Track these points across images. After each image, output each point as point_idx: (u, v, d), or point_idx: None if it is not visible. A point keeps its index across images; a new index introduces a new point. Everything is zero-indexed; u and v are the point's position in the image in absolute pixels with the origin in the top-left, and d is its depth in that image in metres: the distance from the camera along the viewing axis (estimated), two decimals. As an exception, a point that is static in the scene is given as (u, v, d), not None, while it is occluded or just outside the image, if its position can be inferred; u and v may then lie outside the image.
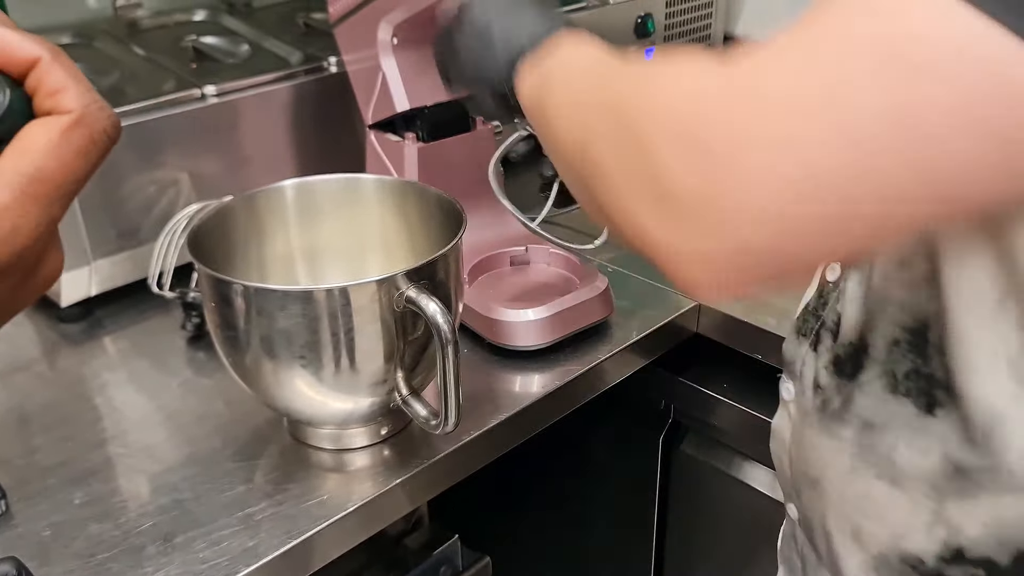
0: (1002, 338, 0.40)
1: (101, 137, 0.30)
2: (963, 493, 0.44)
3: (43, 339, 0.88)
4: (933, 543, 0.45)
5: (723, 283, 0.37)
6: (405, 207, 0.76)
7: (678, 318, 0.88)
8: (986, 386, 0.41)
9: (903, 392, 0.45)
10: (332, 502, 0.66)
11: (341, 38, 0.93)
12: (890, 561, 0.48)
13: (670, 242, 0.36)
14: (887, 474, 0.46)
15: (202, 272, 0.64)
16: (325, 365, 0.63)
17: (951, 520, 0.44)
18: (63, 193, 0.29)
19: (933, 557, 0.45)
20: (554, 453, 1.05)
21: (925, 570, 0.46)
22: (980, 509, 0.43)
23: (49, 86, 0.29)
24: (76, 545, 0.63)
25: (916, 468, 0.45)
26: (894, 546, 0.47)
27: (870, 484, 0.47)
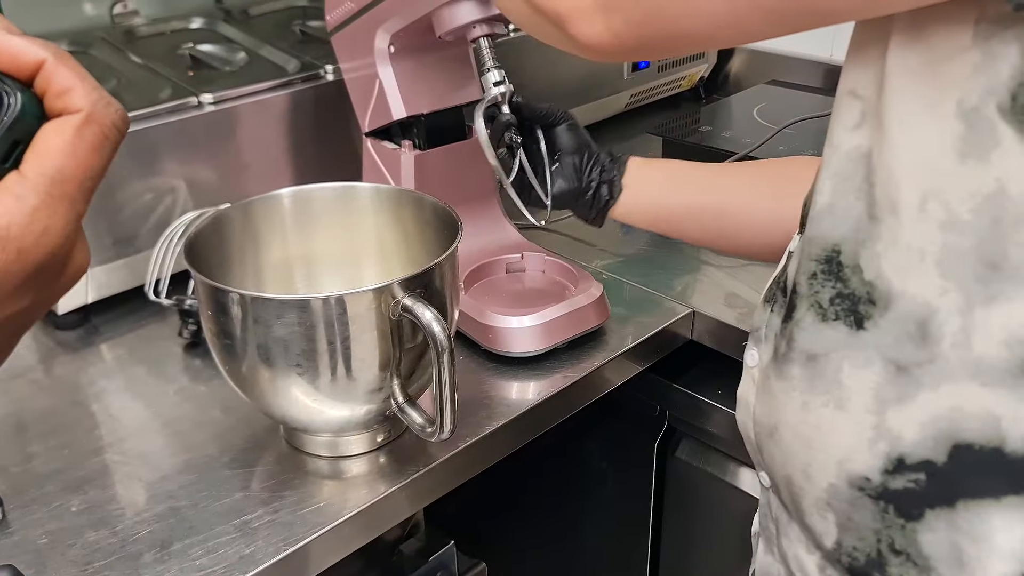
0: (928, 239, 0.43)
1: (112, 131, 0.31)
2: (902, 397, 0.46)
3: (40, 346, 0.88)
4: (876, 458, 0.47)
5: (613, 27, 0.46)
6: (401, 215, 0.77)
7: (672, 325, 0.89)
8: (917, 284, 0.44)
9: (832, 317, 0.48)
10: (328, 509, 0.66)
11: (338, 46, 0.93)
12: (840, 490, 0.49)
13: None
14: (834, 399, 0.48)
15: (198, 280, 0.64)
16: (321, 373, 0.64)
17: (891, 429, 0.46)
18: (85, 189, 0.30)
19: (878, 472, 0.47)
20: (549, 459, 1.05)
21: (872, 488, 0.47)
22: (918, 409, 0.45)
23: (57, 87, 0.30)
24: (73, 553, 0.63)
25: (861, 382, 0.47)
26: (842, 472, 0.48)
27: (818, 414, 0.49)
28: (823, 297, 0.48)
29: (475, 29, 0.78)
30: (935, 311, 0.44)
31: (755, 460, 0.58)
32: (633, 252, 1.03)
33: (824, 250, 0.48)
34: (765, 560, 0.61)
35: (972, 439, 0.44)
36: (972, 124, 0.41)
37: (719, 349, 0.89)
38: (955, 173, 0.42)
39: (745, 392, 0.58)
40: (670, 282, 0.95)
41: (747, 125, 1.23)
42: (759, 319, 0.57)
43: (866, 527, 0.48)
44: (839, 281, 0.48)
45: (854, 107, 0.46)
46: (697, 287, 0.95)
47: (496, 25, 0.79)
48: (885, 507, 0.47)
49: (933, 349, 0.44)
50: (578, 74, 1.24)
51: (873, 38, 0.45)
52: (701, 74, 1.42)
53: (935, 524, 0.46)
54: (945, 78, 0.41)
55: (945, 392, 0.44)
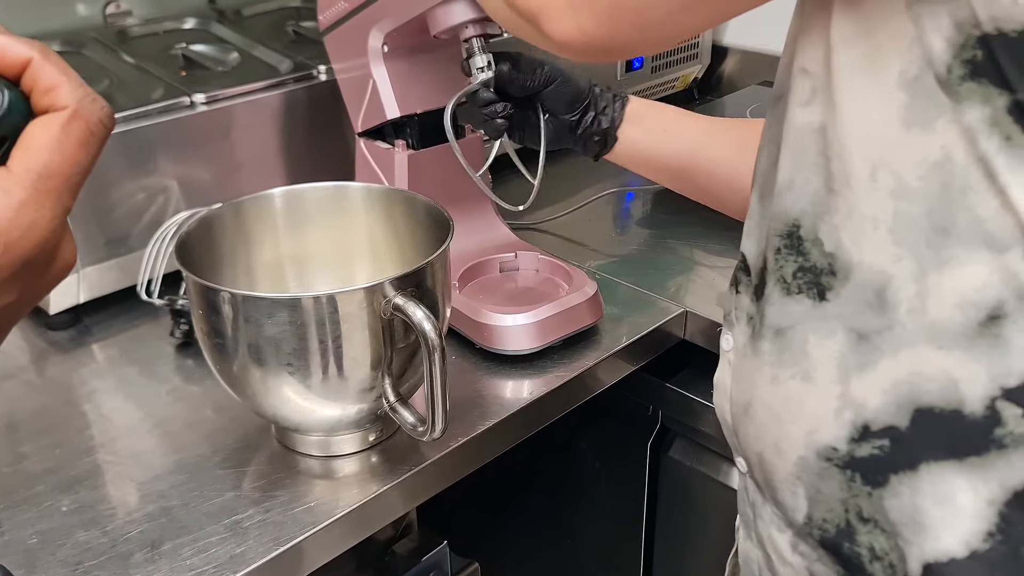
0: (880, 207, 0.44)
1: (98, 127, 0.31)
2: (864, 365, 0.46)
3: (31, 346, 0.88)
4: (842, 427, 0.47)
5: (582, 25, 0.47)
6: (393, 215, 0.77)
7: (665, 324, 0.89)
8: (873, 253, 0.45)
9: (796, 291, 0.49)
10: (320, 508, 0.66)
11: (331, 46, 0.93)
12: (808, 461, 0.49)
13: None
14: (801, 371, 0.49)
15: (190, 279, 0.64)
16: (313, 372, 0.64)
17: (855, 398, 0.47)
18: (71, 185, 0.31)
19: (844, 441, 0.47)
20: (543, 458, 1.05)
21: (839, 457, 0.48)
22: (880, 377, 0.46)
23: (44, 84, 0.31)
24: (63, 553, 0.63)
25: (825, 352, 0.48)
26: (811, 444, 0.49)
27: (787, 387, 0.50)
28: (787, 271, 0.49)
29: (468, 29, 0.79)
30: (891, 278, 0.44)
31: (732, 445, 0.59)
32: (627, 252, 1.03)
33: (786, 225, 0.49)
34: (745, 546, 0.61)
35: (932, 402, 0.44)
36: (914, 94, 0.42)
37: (712, 349, 0.89)
38: (902, 142, 0.43)
39: (721, 376, 0.58)
40: (663, 282, 0.95)
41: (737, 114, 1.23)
42: (728, 304, 0.57)
43: (834, 498, 0.49)
44: (800, 255, 0.48)
45: (805, 83, 0.47)
46: (690, 287, 0.95)
47: (489, 25, 0.79)
48: (852, 476, 0.48)
49: (891, 316, 0.45)
50: (572, 74, 1.24)
51: (817, 12, 0.46)
52: (695, 75, 1.42)
53: (899, 489, 0.46)
54: (884, 49, 0.42)
55: (904, 358, 0.45)
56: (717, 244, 1.02)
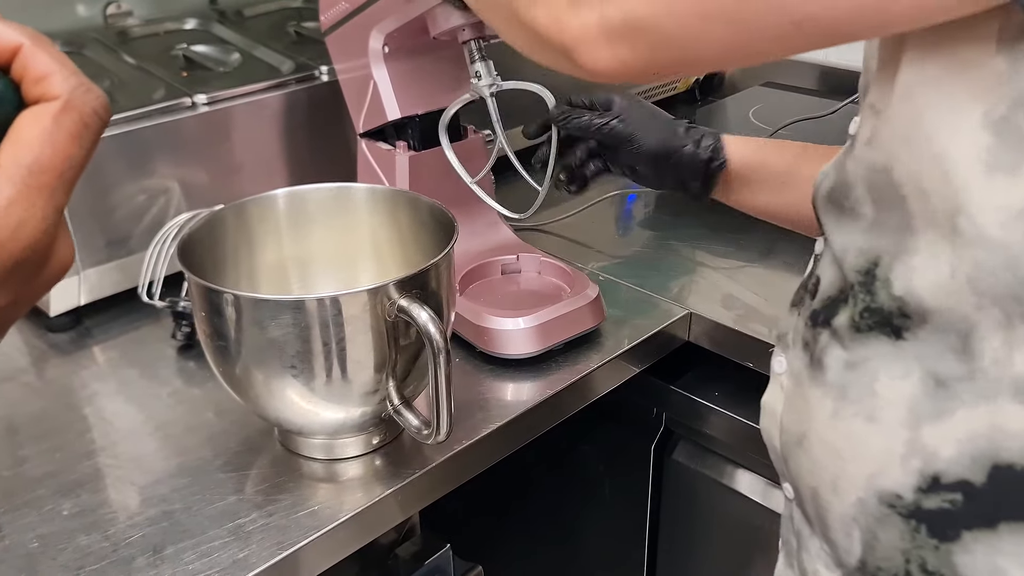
0: (959, 255, 0.42)
1: (92, 119, 0.30)
2: (939, 413, 0.44)
3: (32, 349, 0.87)
4: (909, 475, 0.46)
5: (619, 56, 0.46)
6: (397, 216, 0.76)
7: (669, 326, 0.88)
8: (950, 300, 0.43)
9: (866, 328, 0.47)
10: (323, 512, 0.65)
11: (332, 47, 0.93)
12: (868, 505, 0.48)
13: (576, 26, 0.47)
14: (866, 409, 0.47)
15: (192, 281, 0.64)
16: (316, 375, 0.63)
17: (926, 446, 0.45)
18: (64, 180, 0.29)
19: (910, 490, 0.46)
20: (546, 462, 1.05)
21: (904, 506, 0.46)
22: (956, 427, 0.44)
23: (35, 72, 0.29)
24: (64, 557, 0.62)
25: (897, 393, 0.46)
26: (872, 487, 0.47)
27: (849, 425, 0.48)
28: (858, 309, 0.48)
29: (466, 31, 0.78)
30: (974, 325, 0.43)
31: (779, 470, 0.57)
32: (629, 254, 1.03)
33: (868, 261, 0.47)
34: (785, 574, 0.59)
35: (1013, 460, 0.43)
36: (1001, 135, 0.40)
37: (716, 351, 0.89)
38: (983, 187, 0.41)
39: (772, 400, 0.56)
40: (667, 284, 0.95)
41: (743, 127, 1.23)
42: (786, 324, 0.55)
43: (893, 546, 0.47)
44: (869, 294, 0.47)
45: (870, 121, 0.46)
46: (694, 289, 0.94)
47: (488, 27, 0.79)
48: (916, 527, 0.46)
49: (974, 364, 0.43)
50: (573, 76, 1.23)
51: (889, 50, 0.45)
52: (696, 76, 1.41)
53: (973, 546, 0.44)
54: (969, 88, 0.40)
55: (985, 410, 0.43)
56: (721, 245, 1.01)
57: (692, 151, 0.79)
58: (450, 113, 0.82)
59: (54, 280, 0.31)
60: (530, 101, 0.80)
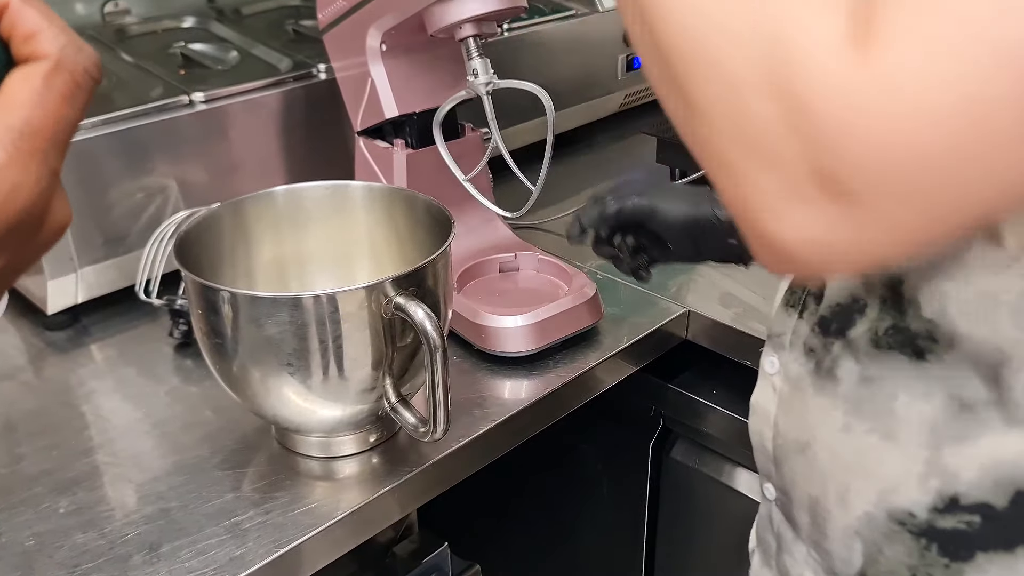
0: (1005, 287, 0.41)
1: (84, 79, 0.29)
2: (963, 436, 0.44)
3: (29, 347, 0.87)
4: (926, 494, 0.45)
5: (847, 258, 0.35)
6: (393, 214, 0.76)
7: (667, 325, 0.88)
8: (986, 330, 0.42)
9: (886, 346, 0.46)
10: (320, 510, 0.65)
11: (330, 45, 0.93)
12: (876, 520, 0.47)
13: (805, 225, 0.33)
14: (881, 427, 0.47)
15: (189, 279, 0.64)
16: (313, 372, 0.63)
17: (947, 467, 0.44)
18: (57, 142, 0.28)
19: (925, 509, 0.45)
20: (544, 460, 1.05)
21: (915, 524, 0.46)
22: (980, 451, 0.43)
23: (23, 30, 0.28)
24: (60, 555, 0.62)
25: (917, 413, 0.45)
26: (882, 502, 0.47)
27: (862, 440, 0.47)
28: (882, 325, 0.46)
29: (464, 28, 0.78)
30: (1008, 358, 0.42)
31: (763, 470, 0.57)
32: (627, 252, 1.03)
33: (891, 277, 0.46)
34: (762, 574, 0.59)
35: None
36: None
37: (714, 349, 0.89)
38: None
39: (763, 400, 0.55)
40: (665, 282, 0.94)
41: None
42: (781, 324, 0.54)
43: (899, 562, 0.47)
44: (897, 312, 0.45)
45: None
46: (692, 287, 0.94)
47: (486, 24, 0.79)
48: (927, 545, 0.46)
49: (1004, 393, 0.42)
50: (572, 75, 1.23)
51: None
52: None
53: (987, 567, 0.44)
54: None
55: (1013, 437, 0.42)
56: (718, 244, 1.01)
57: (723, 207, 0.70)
58: (444, 110, 0.82)
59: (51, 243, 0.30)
60: (527, 100, 0.80)
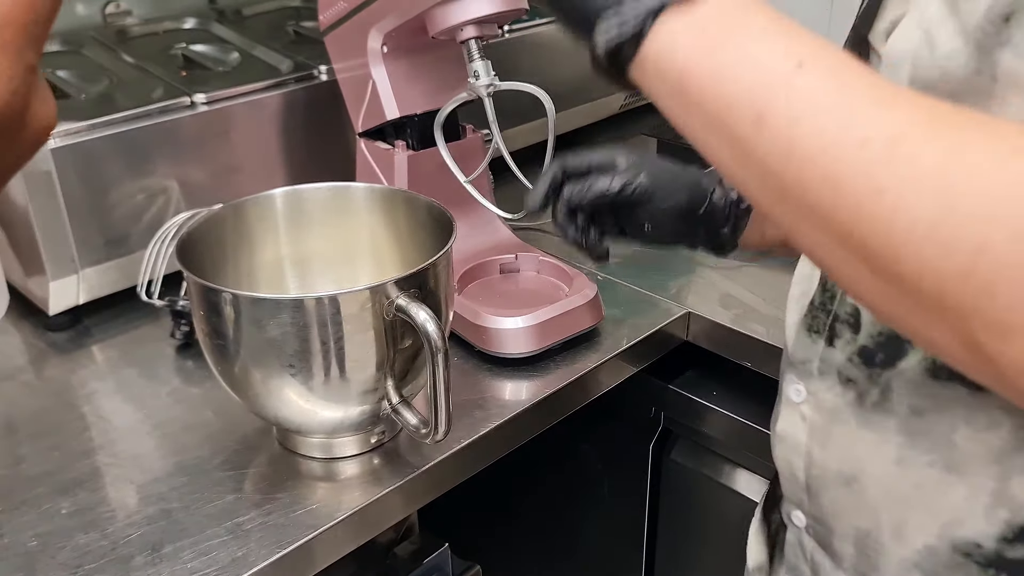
0: None
1: None
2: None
3: (30, 348, 0.87)
4: (993, 525, 0.45)
5: None
6: (395, 215, 0.76)
7: (668, 326, 0.88)
8: None
9: (945, 377, 0.44)
10: (322, 511, 0.66)
11: (331, 46, 0.93)
12: (939, 552, 0.47)
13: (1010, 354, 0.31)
14: (942, 460, 0.45)
15: (191, 280, 0.64)
16: (315, 374, 0.63)
17: (1015, 497, 0.44)
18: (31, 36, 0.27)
19: (993, 539, 0.45)
20: (544, 461, 1.05)
21: (983, 554, 0.45)
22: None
23: None
24: (63, 555, 0.62)
25: (980, 445, 0.44)
26: (946, 535, 0.46)
27: (921, 473, 0.46)
28: None
29: (465, 31, 0.78)
30: None
31: (792, 497, 0.56)
32: (628, 253, 1.03)
33: None
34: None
35: None
36: None
37: (715, 351, 0.89)
38: None
39: (791, 429, 0.54)
40: (665, 283, 0.95)
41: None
42: (805, 350, 0.52)
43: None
44: None
45: None
46: (692, 288, 0.95)
47: (487, 27, 0.79)
48: (996, 574, 0.45)
49: None
50: (573, 76, 1.23)
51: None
52: None
53: None
54: None
55: None
56: (719, 245, 1.01)
57: (721, 194, 0.67)
58: (445, 112, 0.82)
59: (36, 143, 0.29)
60: (528, 102, 0.80)
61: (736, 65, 0.35)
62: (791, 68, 0.34)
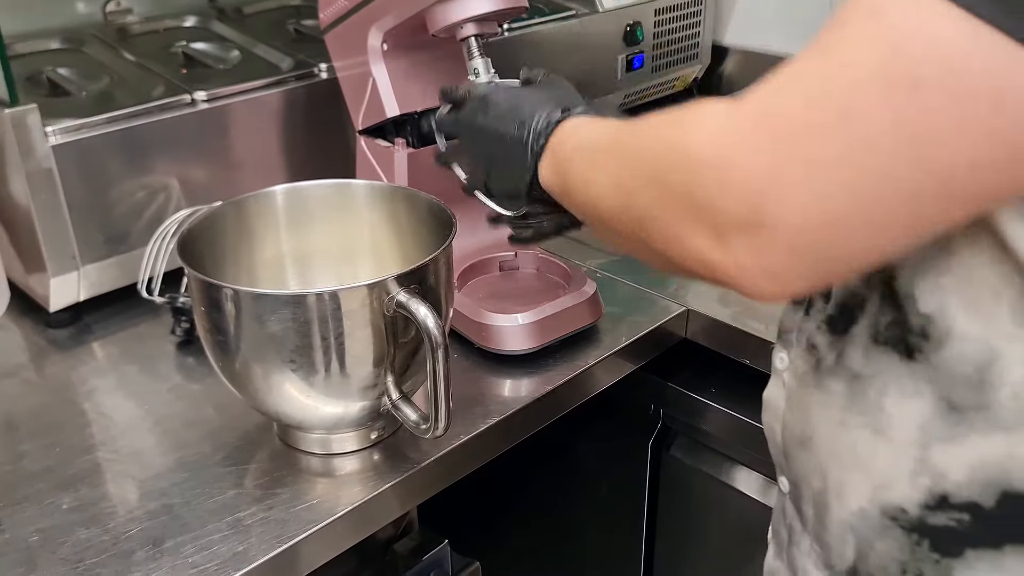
0: (1006, 280, 0.41)
1: None
2: (951, 436, 0.44)
3: (31, 344, 0.88)
4: (917, 491, 0.46)
5: (784, 286, 0.41)
6: (395, 212, 0.76)
7: (667, 323, 0.88)
8: (984, 326, 0.42)
9: (882, 341, 0.47)
10: (322, 506, 0.66)
11: (331, 44, 0.93)
12: (870, 515, 0.48)
13: (734, 263, 0.41)
14: (873, 424, 0.47)
15: (191, 276, 0.64)
16: (315, 370, 0.63)
17: (936, 466, 0.45)
18: None
19: (916, 506, 0.46)
20: (544, 458, 1.05)
21: (906, 520, 0.47)
22: (967, 452, 0.44)
23: None
24: (64, 551, 0.62)
25: (906, 412, 0.46)
26: (876, 498, 0.48)
27: (856, 434, 0.48)
28: (882, 321, 0.47)
29: (465, 28, 0.78)
30: (998, 356, 0.42)
31: (778, 464, 0.57)
32: (627, 251, 1.03)
33: (885, 272, 0.46)
34: (774, 565, 0.60)
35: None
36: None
37: (714, 348, 0.89)
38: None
39: (774, 396, 0.56)
40: (664, 281, 0.95)
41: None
42: (789, 321, 0.55)
43: (890, 557, 0.48)
44: (898, 309, 0.46)
45: None
46: (691, 286, 0.95)
47: (487, 24, 0.79)
48: (919, 540, 0.46)
49: (990, 395, 0.43)
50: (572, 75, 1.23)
51: None
52: (695, 75, 1.42)
53: (975, 564, 0.45)
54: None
55: (999, 440, 0.43)
56: (718, 243, 1.02)
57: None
58: (445, 109, 0.82)
59: None
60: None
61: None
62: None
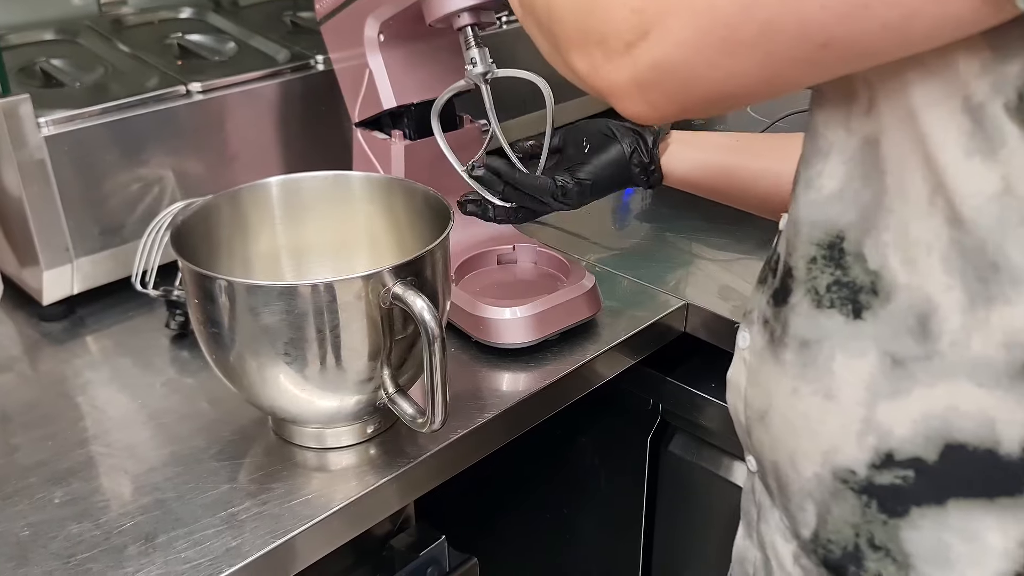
0: (935, 233, 0.43)
1: None
2: (895, 392, 0.45)
3: (24, 338, 0.87)
4: (864, 451, 0.47)
5: (652, 101, 0.46)
6: (392, 204, 0.76)
7: (666, 318, 0.88)
8: (922, 278, 0.44)
9: (828, 304, 0.48)
10: (317, 501, 0.65)
11: (328, 35, 0.92)
12: (824, 480, 0.49)
13: (611, 76, 0.46)
14: (823, 388, 0.48)
15: (185, 268, 0.63)
16: (310, 362, 0.63)
17: (881, 424, 0.46)
18: None
19: (864, 466, 0.47)
20: (542, 453, 1.04)
21: (856, 481, 0.47)
22: (911, 406, 0.45)
23: None
24: (55, 545, 0.62)
25: (853, 372, 0.47)
26: (828, 463, 0.48)
27: (807, 402, 0.49)
28: (820, 283, 0.48)
29: (461, 18, 0.78)
30: (936, 307, 0.43)
31: (744, 443, 0.58)
32: (627, 245, 1.02)
33: (828, 235, 0.47)
34: (742, 544, 0.60)
35: (965, 439, 0.44)
36: (978, 121, 0.40)
37: (713, 342, 0.89)
38: (962, 169, 0.41)
39: (736, 375, 0.57)
40: (663, 275, 0.94)
41: (740, 119, 1.22)
42: (752, 301, 0.56)
43: (844, 520, 0.48)
44: (839, 268, 0.47)
45: (864, 94, 0.45)
46: (690, 280, 0.94)
47: (484, 14, 0.78)
48: (868, 502, 0.47)
49: (932, 346, 0.44)
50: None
51: None
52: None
53: (920, 522, 0.46)
54: (953, 73, 0.41)
55: (941, 390, 0.44)
56: (718, 238, 1.01)
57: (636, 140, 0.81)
58: (442, 100, 0.81)
59: None
60: (526, 93, 0.80)
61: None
62: None
